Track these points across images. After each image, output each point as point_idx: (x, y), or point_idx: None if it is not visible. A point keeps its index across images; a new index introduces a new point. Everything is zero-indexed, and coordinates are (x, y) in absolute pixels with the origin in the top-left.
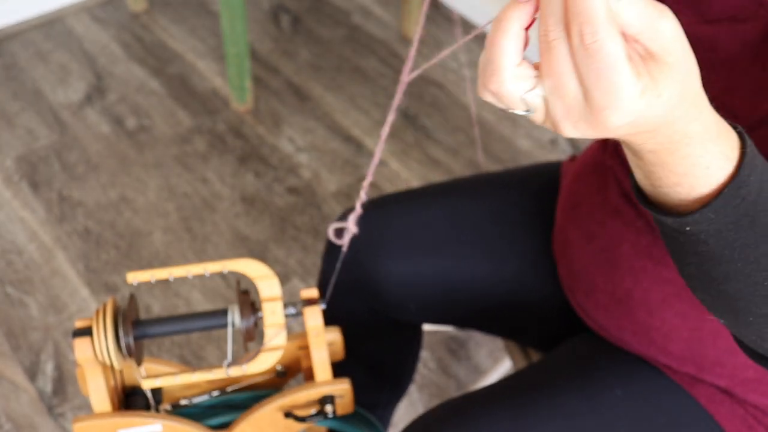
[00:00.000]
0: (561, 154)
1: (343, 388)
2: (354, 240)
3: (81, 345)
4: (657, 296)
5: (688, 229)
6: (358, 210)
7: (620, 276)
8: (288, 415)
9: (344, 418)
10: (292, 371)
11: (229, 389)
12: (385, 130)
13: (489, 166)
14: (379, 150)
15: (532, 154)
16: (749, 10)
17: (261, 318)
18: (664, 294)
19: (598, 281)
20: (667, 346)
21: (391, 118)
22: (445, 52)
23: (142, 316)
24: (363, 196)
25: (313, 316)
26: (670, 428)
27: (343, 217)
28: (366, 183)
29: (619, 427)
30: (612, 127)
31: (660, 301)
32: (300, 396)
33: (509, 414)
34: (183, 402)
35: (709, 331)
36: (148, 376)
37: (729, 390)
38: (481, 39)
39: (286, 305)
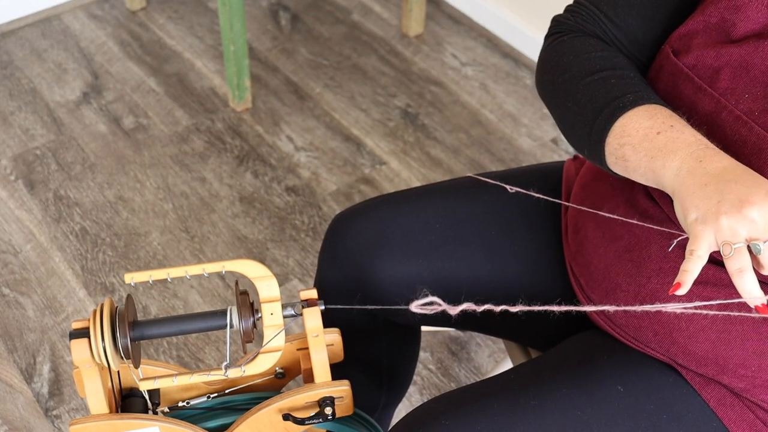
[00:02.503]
0: (563, 154)
1: (342, 390)
2: (351, 241)
3: (78, 346)
4: (685, 297)
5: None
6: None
7: (646, 277)
8: (287, 417)
9: (343, 420)
10: (292, 373)
11: (227, 391)
12: None
13: (490, 165)
14: None
15: (534, 153)
16: None
17: (260, 319)
18: (693, 295)
19: (621, 281)
20: (690, 347)
21: None
22: None
23: (140, 317)
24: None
25: (313, 317)
26: (673, 425)
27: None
28: None
29: (619, 421)
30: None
31: (688, 302)
32: (299, 398)
33: (506, 406)
34: (181, 404)
35: (737, 333)
36: (146, 378)
37: (744, 392)
38: (481, 38)
39: (285, 306)
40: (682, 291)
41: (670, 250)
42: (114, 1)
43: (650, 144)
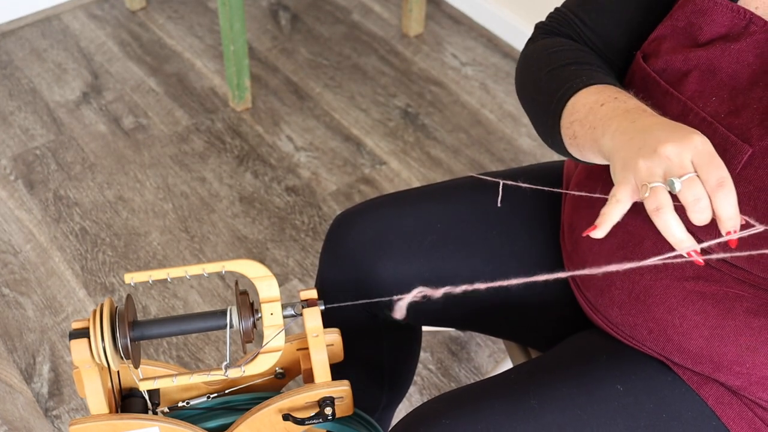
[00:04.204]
0: None
1: (342, 390)
2: (352, 242)
3: (78, 346)
4: (678, 293)
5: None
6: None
7: (640, 273)
8: (287, 417)
9: (343, 421)
10: (292, 373)
11: (227, 391)
12: None
13: (490, 165)
14: None
15: (534, 153)
16: (739, 26)
17: (260, 319)
18: (685, 291)
19: (615, 278)
20: (684, 344)
21: None
22: None
23: (140, 317)
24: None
25: (313, 318)
26: (672, 424)
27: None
28: None
29: (619, 420)
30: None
31: (681, 298)
32: (299, 398)
33: (506, 406)
34: (181, 404)
35: (731, 329)
36: (146, 378)
37: (741, 390)
38: (481, 38)
39: (285, 306)
40: (598, 233)
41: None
42: (114, 1)
43: (594, 116)
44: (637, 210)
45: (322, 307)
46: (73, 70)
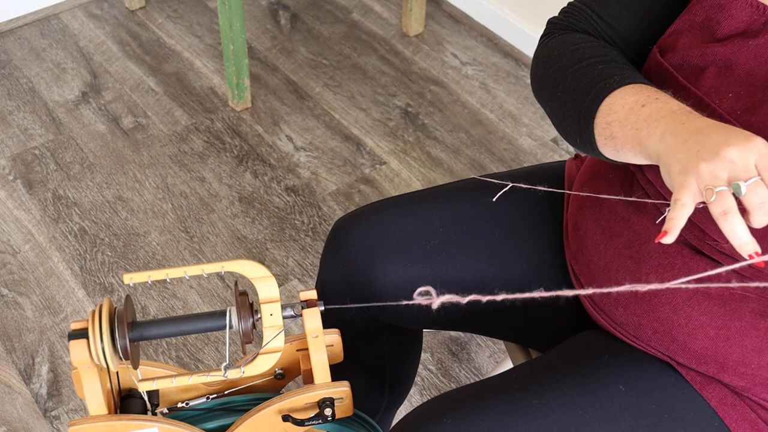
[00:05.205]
0: (563, 154)
1: (342, 391)
2: (353, 245)
3: (76, 347)
4: (684, 293)
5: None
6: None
7: (645, 273)
8: (286, 418)
9: (343, 422)
10: (291, 373)
11: (227, 392)
12: None
13: (491, 165)
14: None
15: (535, 153)
16: (758, 22)
17: (259, 320)
18: (691, 291)
19: (621, 278)
20: (689, 344)
21: None
22: None
23: (139, 317)
24: None
25: (312, 318)
26: (674, 425)
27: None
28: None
29: (621, 420)
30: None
31: (687, 298)
32: (299, 399)
33: (508, 405)
34: (180, 405)
35: (736, 330)
36: (145, 379)
37: (745, 391)
38: (481, 37)
39: (284, 307)
40: (668, 239)
41: (658, 222)
42: (113, 1)
43: (635, 117)
44: (643, 210)
45: (322, 308)
46: (72, 70)
